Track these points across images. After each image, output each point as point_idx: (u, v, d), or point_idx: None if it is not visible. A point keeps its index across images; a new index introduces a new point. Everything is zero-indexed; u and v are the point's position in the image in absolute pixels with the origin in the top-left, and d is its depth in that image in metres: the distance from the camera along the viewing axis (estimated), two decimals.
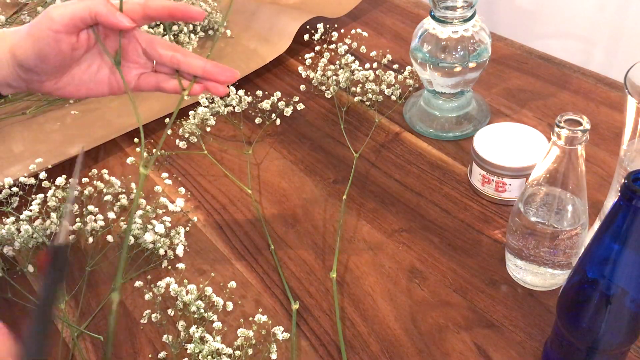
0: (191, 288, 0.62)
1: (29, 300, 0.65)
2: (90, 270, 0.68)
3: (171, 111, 0.86)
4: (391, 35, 1.01)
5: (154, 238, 0.68)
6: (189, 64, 0.56)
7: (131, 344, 0.61)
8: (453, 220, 0.69)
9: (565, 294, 0.48)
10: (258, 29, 1.00)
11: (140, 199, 0.74)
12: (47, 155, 0.79)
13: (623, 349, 0.50)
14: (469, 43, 0.73)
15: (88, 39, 0.55)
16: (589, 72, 0.88)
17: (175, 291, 0.61)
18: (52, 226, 0.70)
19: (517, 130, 0.71)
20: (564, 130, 0.49)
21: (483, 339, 0.58)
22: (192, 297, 0.60)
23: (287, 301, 0.63)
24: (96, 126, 0.85)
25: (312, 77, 0.88)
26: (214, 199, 0.75)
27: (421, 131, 0.81)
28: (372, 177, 0.76)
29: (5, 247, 0.69)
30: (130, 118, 0.86)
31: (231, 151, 0.82)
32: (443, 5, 0.72)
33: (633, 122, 0.52)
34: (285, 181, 0.77)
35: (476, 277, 0.63)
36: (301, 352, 0.59)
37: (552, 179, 0.54)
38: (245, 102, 0.86)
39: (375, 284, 0.64)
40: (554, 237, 0.56)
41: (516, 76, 0.89)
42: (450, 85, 0.77)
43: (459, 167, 0.76)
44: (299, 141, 0.82)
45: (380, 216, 0.71)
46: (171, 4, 0.54)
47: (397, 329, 0.59)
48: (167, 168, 0.80)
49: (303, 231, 0.70)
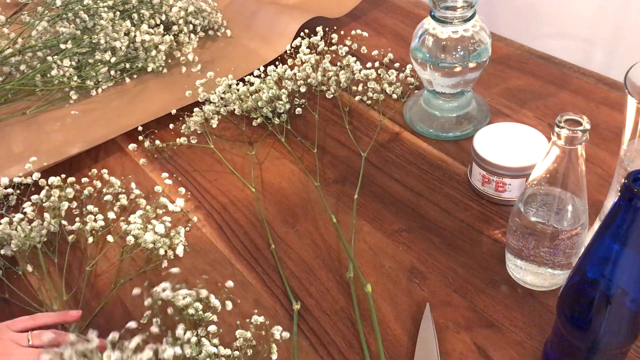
0: (186, 293, 0.60)
1: (27, 301, 0.65)
2: (90, 270, 0.68)
3: (169, 111, 0.86)
4: (391, 35, 1.01)
5: (154, 238, 0.67)
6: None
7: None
8: (453, 220, 0.69)
9: (565, 294, 0.48)
10: (258, 29, 1.00)
11: (140, 199, 0.74)
12: (47, 155, 0.79)
13: (623, 349, 0.50)
14: (469, 43, 0.73)
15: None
16: (589, 72, 0.88)
17: (170, 297, 0.60)
18: (49, 226, 0.70)
19: (517, 130, 0.71)
20: (564, 130, 0.49)
21: (483, 339, 0.58)
22: (189, 300, 0.59)
23: (287, 301, 0.63)
24: (96, 126, 0.85)
25: (312, 77, 0.88)
26: (214, 199, 0.75)
27: (421, 131, 0.81)
28: (372, 177, 0.76)
29: (3, 248, 0.69)
30: (130, 118, 0.86)
31: (234, 151, 0.82)
32: (443, 5, 0.72)
33: (633, 122, 0.52)
34: (286, 181, 0.77)
35: (476, 277, 0.63)
36: (301, 352, 0.59)
37: (552, 179, 0.54)
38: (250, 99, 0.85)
39: (375, 284, 0.64)
40: (554, 237, 0.56)
41: (516, 76, 0.89)
42: (450, 85, 0.77)
43: (459, 167, 0.76)
44: (300, 141, 0.82)
45: (380, 216, 0.71)
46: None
47: (397, 329, 0.59)
48: (167, 168, 0.80)
49: (303, 231, 0.70)
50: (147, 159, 0.81)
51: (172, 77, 0.94)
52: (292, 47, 0.90)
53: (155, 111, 0.86)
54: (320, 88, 0.88)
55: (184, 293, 0.59)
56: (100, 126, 0.85)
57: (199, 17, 1.00)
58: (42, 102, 0.89)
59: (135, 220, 0.69)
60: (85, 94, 0.91)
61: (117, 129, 0.84)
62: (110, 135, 0.83)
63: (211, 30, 1.02)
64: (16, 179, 0.74)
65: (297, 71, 0.87)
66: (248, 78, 0.87)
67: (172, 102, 0.87)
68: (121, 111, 0.88)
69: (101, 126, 0.85)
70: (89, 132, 0.84)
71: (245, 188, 0.76)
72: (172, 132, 0.85)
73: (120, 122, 0.85)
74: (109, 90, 0.92)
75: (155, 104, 0.88)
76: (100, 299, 0.65)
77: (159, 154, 0.82)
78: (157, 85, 0.92)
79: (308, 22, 0.95)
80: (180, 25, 0.98)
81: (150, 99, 0.89)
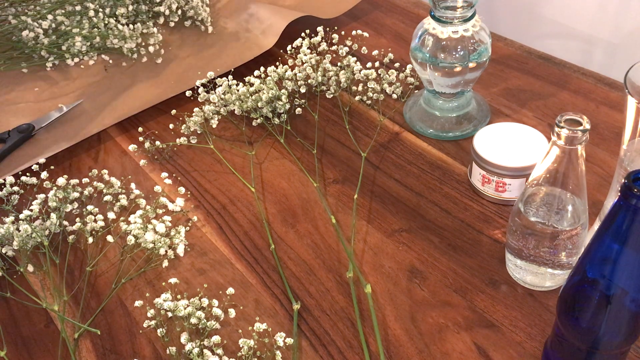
0: (185, 303, 0.60)
1: (29, 300, 0.65)
2: (90, 270, 0.68)
3: (169, 96, 0.88)
4: (391, 35, 1.01)
5: (154, 238, 0.67)
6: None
7: (131, 344, 0.61)
8: (453, 220, 0.69)
9: (565, 294, 0.48)
10: (250, 27, 1.00)
11: (140, 199, 0.74)
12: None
13: (623, 349, 0.50)
14: (469, 43, 0.73)
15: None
16: (589, 72, 0.88)
17: (171, 308, 0.59)
18: (52, 227, 0.70)
19: (517, 130, 0.71)
20: (564, 130, 0.49)
21: (483, 339, 0.58)
22: (190, 310, 0.59)
23: (287, 301, 0.63)
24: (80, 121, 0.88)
25: (312, 77, 0.88)
26: (213, 199, 0.75)
27: (421, 131, 0.81)
28: (372, 177, 0.76)
29: (4, 247, 0.69)
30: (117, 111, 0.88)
31: (234, 151, 0.82)
32: (443, 5, 0.72)
33: (633, 122, 0.52)
34: (286, 181, 0.77)
35: (476, 277, 0.63)
36: (301, 352, 0.59)
37: (552, 179, 0.54)
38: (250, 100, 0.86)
39: (375, 284, 0.64)
40: (554, 237, 0.56)
41: (516, 76, 0.89)
42: (450, 85, 0.77)
43: (459, 167, 0.76)
44: (299, 141, 0.82)
45: (380, 216, 0.71)
46: None
47: (397, 329, 0.59)
48: (167, 168, 0.80)
49: (303, 231, 0.70)
50: (147, 159, 0.81)
51: (163, 68, 0.95)
52: (292, 48, 0.90)
53: (154, 96, 0.89)
54: (320, 88, 0.88)
55: (184, 303, 0.59)
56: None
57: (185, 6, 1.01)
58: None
59: (135, 220, 0.70)
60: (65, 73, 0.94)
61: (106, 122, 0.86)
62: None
63: (202, 25, 1.02)
64: (23, 178, 0.74)
65: (297, 71, 0.87)
66: (248, 78, 0.87)
67: (170, 88, 0.90)
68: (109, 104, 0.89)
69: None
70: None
71: (245, 188, 0.76)
72: (172, 132, 0.85)
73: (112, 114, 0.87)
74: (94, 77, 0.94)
75: (154, 90, 0.90)
76: (101, 299, 0.65)
77: (158, 154, 0.82)
78: (148, 75, 0.94)
79: (308, 23, 0.95)
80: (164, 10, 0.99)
81: (150, 86, 0.91)
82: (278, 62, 0.91)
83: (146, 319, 0.61)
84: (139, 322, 0.62)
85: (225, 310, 0.61)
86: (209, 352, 0.56)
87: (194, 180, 0.79)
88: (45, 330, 0.63)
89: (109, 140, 0.86)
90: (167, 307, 0.59)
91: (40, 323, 0.64)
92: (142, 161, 0.81)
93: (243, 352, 0.56)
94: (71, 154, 0.83)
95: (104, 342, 0.61)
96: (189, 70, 0.93)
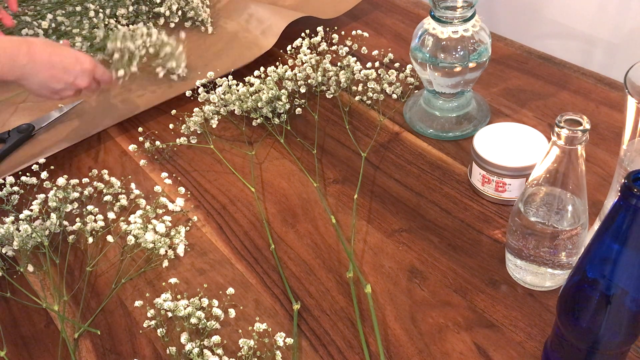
0: (185, 303, 0.60)
1: (29, 299, 0.65)
2: (90, 270, 0.68)
3: (169, 97, 0.88)
4: (391, 35, 1.01)
5: (154, 238, 0.67)
6: None
7: (131, 344, 0.61)
8: (453, 220, 0.69)
9: (565, 294, 0.48)
10: (250, 27, 1.00)
11: (140, 199, 0.74)
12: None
13: (623, 349, 0.50)
14: (469, 43, 0.73)
15: None
16: (589, 72, 0.88)
17: (171, 308, 0.59)
18: (52, 227, 0.70)
19: (517, 130, 0.71)
20: (564, 130, 0.49)
21: (483, 339, 0.58)
22: (190, 310, 0.59)
23: (287, 301, 0.63)
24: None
25: (312, 77, 0.88)
26: (213, 199, 0.75)
27: (421, 131, 0.81)
28: (372, 177, 0.76)
29: (4, 247, 0.69)
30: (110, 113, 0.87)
31: (234, 151, 0.82)
32: (443, 5, 0.72)
33: (633, 122, 0.52)
34: (286, 181, 0.77)
35: (476, 277, 0.63)
36: (301, 352, 0.59)
37: (552, 179, 0.54)
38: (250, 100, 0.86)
39: (375, 284, 0.64)
40: (554, 237, 0.56)
41: (516, 76, 0.89)
42: (450, 85, 0.77)
43: (459, 167, 0.76)
44: (299, 141, 0.82)
45: (380, 216, 0.71)
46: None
47: (397, 329, 0.59)
48: (167, 168, 0.80)
49: (303, 231, 0.70)
50: (147, 159, 0.81)
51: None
52: (292, 48, 0.90)
53: (155, 97, 0.89)
54: (320, 88, 0.88)
55: (184, 304, 0.59)
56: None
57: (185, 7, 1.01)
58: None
59: (135, 220, 0.70)
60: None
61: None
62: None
63: (202, 26, 1.02)
64: (23, 178, 0.74)
65: (297, 71, 0.87)
66: (248, 78, 0.87)
67: (170, 91, 0.90)
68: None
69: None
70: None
71: (245, 188, 0.76)
72: (172, 132, 0.85)
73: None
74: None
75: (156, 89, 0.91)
76: (101, 299, 0.65)
77: (158, 155, 0.82)
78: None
79: (308, 23, 0.95)
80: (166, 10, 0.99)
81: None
82: (278, 62, 0.91)
83: (146, 319, 0.61)
84: (139, 322, 0.62)
85: (225, 310, 0.61)
86: (209, 352, 0.56)
87: (194, 180, 0.79)
88: (45, 330, 0.63)
89: (109, 140, 0.86)
90: (167, 307, 0.59)
91: (40, 323, 0.64)
92: (142, 161, 0.81)
93: (243, 352, 0.56)
94: (71, 154, 0.83)
95: (104, 342, 0.61)
96: (189, 71, 0.93)
